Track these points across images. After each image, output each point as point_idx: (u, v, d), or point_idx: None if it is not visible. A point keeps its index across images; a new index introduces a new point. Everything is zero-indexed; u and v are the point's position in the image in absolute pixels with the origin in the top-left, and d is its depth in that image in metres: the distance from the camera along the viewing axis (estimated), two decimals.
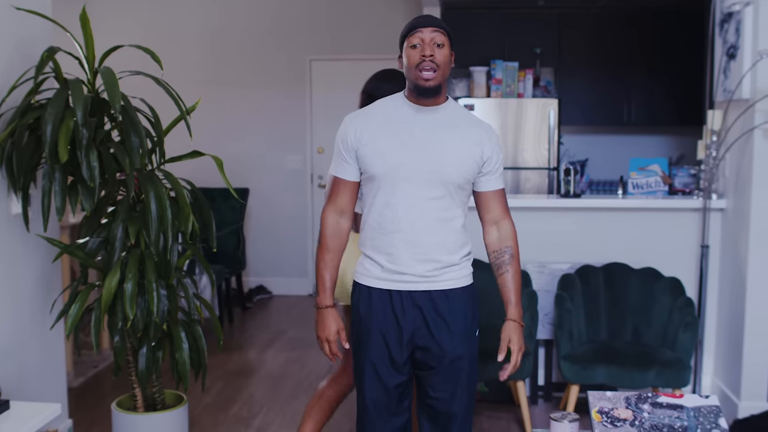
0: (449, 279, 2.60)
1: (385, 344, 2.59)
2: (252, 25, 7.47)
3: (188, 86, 5.34)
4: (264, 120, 7.55)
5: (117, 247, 3.17)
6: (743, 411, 4.13)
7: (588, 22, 6.97)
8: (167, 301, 3.25)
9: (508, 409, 4.48)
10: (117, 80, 3.05)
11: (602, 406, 2.26)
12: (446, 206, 2.55)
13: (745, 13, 4.12)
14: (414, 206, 2.52)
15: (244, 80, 7.51)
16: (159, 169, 3.33)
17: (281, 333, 6.28)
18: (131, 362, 3.36)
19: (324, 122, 7.52)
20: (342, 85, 7.45)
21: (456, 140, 2.53)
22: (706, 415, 2.23)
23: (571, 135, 7.30)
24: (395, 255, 2.55)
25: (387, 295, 2.59)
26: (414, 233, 2.53)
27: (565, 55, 7.03)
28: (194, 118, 3.52)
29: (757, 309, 4.14)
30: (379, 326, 2.60)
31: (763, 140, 4.07)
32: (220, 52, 7.50)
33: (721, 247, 4.46)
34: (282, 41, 7.47)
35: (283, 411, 4.53)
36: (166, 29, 7.41)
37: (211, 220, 3.39)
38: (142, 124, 3.18)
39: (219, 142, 7.23)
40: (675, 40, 6.76)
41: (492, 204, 2.63)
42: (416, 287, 2.57)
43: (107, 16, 7.19)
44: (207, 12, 7.48)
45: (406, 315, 2.57)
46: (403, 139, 2.51)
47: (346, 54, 7.43)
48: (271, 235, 7.61)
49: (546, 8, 6.92)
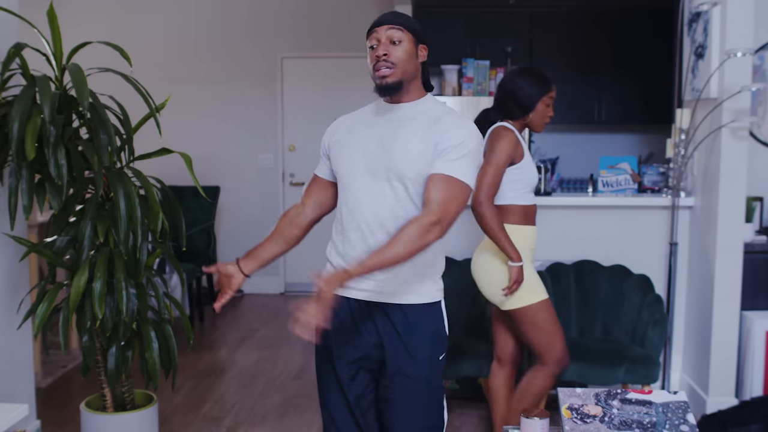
0: (409, 293, 2.41)
1: (346, 351, 2.46)
2: (223, 22, 7.43)
3: (158, 84, 5.29)
4: (235, 118, 7.51)
5: (85, 245, 3.14)
6: (711, 407, 4.18)
7: (559, 21, 7.00)
8: (137, 300, 3.22)
9: (478, 405, 4.49)
10: (85, 77, 3.02)
11: (572, 402, 2.27)
12: (403, 206, 2.36)
13: (713, 13, 4.16)
14: (368, 206, 2.38)
15: (215, 78, 7.47)
16: (128, 167, 3.30)
17: (252, 332, 6.25)
18: (100, 362, 3.33)
19: (295, 120, 7.50)
20: (313, 83, 7.44)
21: (410, 135, 2.35)
22: (675, 411, 2.25)
23: (542, 133, 7.31)
24: (353, 257, 2.38)
25: (345, 303, 2.43)
26: (370, 234, 2.38)
27: (536, 54, 7.05)
28: (164, 116, 3.49)
29: (725, 306, 4.19)
30: (340, 333, 2.45)
31: (730, 139, 4.12)
32: (190, 49, 7.45)
33: (690, 245, 4.51)
34: (253, 39, 7.44)
35: (254, 410, 4.52)
36: (136, 26, 7.35)
37: (180, 218, 3.37)
38: (111, 122, 3.15)
39: (189, 140, 7.18)
40: (645, 39, 6.82)
41: (428, 186, 2.30)
42: (372, 298, 2.42)
43: (75, 13, 7.11)
44: (177, 9, 7.43)
45: (366, 325, 2.44)
46: (361, 138, 2.43)
47: (318, 52, 7.42)
48: (242, 233, 7.57)
49: (517, 7, 6.95)
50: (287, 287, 7.69)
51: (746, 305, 4.29)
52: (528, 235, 3.47)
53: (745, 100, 4.10)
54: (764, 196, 4.71)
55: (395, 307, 2.42)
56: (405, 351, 2.41)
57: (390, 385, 2.44)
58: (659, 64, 6.79)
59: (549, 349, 3.46)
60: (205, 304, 6.95)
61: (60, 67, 3.22)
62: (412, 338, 2.41)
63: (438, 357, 2.47)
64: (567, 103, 7.04)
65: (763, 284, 4.33)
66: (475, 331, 4.34)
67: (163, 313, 3.40)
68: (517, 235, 3.39)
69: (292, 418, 4.38)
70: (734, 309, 4.20)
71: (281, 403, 4.62)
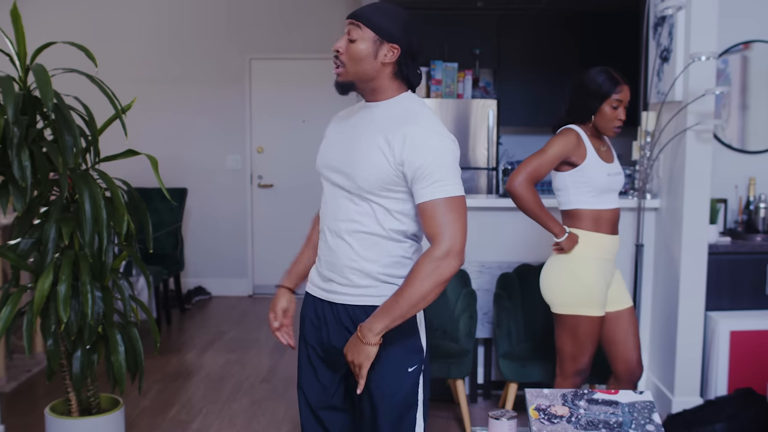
0: (371, 295, 2.29)
1: (319, 351, 2.39)
2: (191, 23, 7.38)
3: (125, 84, 5.25)
4: (203, 119, 7.47)
5: (50, 248, 3.10)
6: (677, 406, 4.22)
7: (527, 24, 7.05)
8: (102, 303, 3.19)
9: (447, 407, 4.50)
10: (50, 77, 2.98)
11: (539, 403, 2.29)
12: (364, 212, 2.25)
13: (678, 18, 4.21)
14: (332, 209, 2.32)
15: (183, 79, 7.42)
16: (93, 169, 3.27)
17: (221, 334, 6.22)
18: (65, 366, 3.29)
19: (264, 122, 7.47)
20: (282, 84, 7.42)
21: (366, 140, 2.23)
22: (640, 411, 2.27)
23: (510, 135, 7.38)
24: (321, 258, 2.36)
25: (316, 302, 2.39)
26: (332, 238, 2.31)
27: (504, 56, 7.10)
28: (131, 117, 3.47)
29: (690, 306, 4.23)
30: (311, 335, 2.41)
31: (695, 141, 4.17)
32: (157, 50, 7.39)
33: (655, 246, 4.56)
34: (222, 40, 7.40)
35: (222, 413, 4.49)
36: (101, 26, 7.28)
37: (147, 220, 3.34)
38: (76, 123, 3.12)
39: (156, 141, 7.13)
40: (612, 42, 6.88)
41: (423, 220, 2.19)
42: (329, 297, 2.35)
43: (40, 12, 7.03)
44: (145, 9, 7.36)
45: (333, 326, 2.35)
46: (332, 139, 2.38)
47: (287, 53, 7.40)
48: (210, 235, 7.54)
49: (485, 9, 6.98)
50: (255, 289, 7.66)
51: (711, 306, 4.34)
52: (598, 242, 3.36)
53: (710, 103, 4.16)
54: (728, 197, 4.77)
55: (359, 309, 2.30)
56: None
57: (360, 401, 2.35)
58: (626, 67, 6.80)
59: (573, 361, 3.38)
60: (172, 307, 6.90)
61: (24, 68, 3.18)
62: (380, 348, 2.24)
63: (407, 368, 2.30)
64: (535, 105, 7.10)
65: (728, 285, 4.39)
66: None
67: (129, 316, 3.37)
68: (586, 242, 3.33)
69: (261, 421, 4.35)
70: (699, 309, 4.25)
71: (249, 406, 4.60)
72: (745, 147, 4.82)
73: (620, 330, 3.50)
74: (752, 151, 4.82)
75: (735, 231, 4.64)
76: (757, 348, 4.25)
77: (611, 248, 3.40)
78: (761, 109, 4.83)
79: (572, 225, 3.36)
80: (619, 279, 3.53)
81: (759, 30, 4.74)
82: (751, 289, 4.40)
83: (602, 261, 3.37)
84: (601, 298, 3.36)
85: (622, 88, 3.37)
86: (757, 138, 4.82)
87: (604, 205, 3.36)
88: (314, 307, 2.41)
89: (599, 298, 3.35)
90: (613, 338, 3.52)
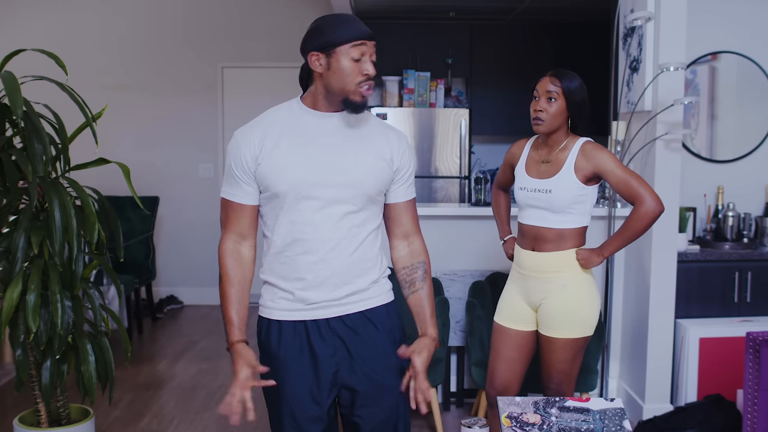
0: (368, 298, 2.35)
1: (305, 387, 2.30)
2: (163, 31, 7.35)
3: (95, 93, 5.21)
4: (175, 127, 7.43)
5: (19, 257, 3.07)
6: (647, 413, 4.26)
7: (499, 34, 7.10)
8: (72, 312, 3.16)
9: (420, 415, 4.50)
10: (19, 85, 2.96)
11: (511, 411, 2.30)
12: (360, 222, 2.30)
13: (647, 28, 4.26)
14: (323, 224, 2.26)
15: (155, 87, 7.38)
16: (63, 177, 3.24)
17: (193, 343, 6.18)
18: (34, 376, 3.26)
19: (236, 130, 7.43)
20: (254, 92, 7.40)
21: (365, 148, 2.30)
22: (612, 418, 2.29)
23: (482, 144, 7.41)
24: (307, 280, 2.28)
25: (302, 327, 2.31)
26: (326, 254, 2.26)
27: (476, 66, 7.14)
28: (102, 125, 3.45)
29: (660, 314, 4.27)
30: (294, 366, 2.31)
31: (664, 150, 4.21)
32: (129, 58, 7.35)
33: (626, 254, 4.59)
34: (193, 48, 7.37)
35: (194, 423, 4.46)
36: (72, 34, 7.22)
37: (118, 229, 3.32)
38: (45, 131, 3.10)
39: (128, 149, 7.09)
40: (583, 52, 6.94)
41: (403, 216, 2.41)
42: (333, 313, 2.31)
43: (10, 19, 6.97)
44: (116, 17, 7.32)
45: (327, 347, 2.30)
46: (307, 151, 2.27)
47: (259, 62, 7.39)
48: (182, 244, 7.49)
49: (458, 19, 7.02)
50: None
51: (680, 313, 4.39)
52: (516, 255, 3.33)
53: (678, 113, 4.21)
54: (697, 206, 4.83)
55: (358, 316, 2.34)
56: (378, 359, 2.35)
57: (371, 404, 2.38)
58: (596, 77, 6.90)
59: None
60: (144, 316, 6.84)
61: None
62: (383, 341, 2.36)
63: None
64: (506, 114, 7.15)
65: (697, 293, 4.44)
66: None
67: (99, 325, 3.34)
68: None
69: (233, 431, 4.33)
70: (669, 317, 4.29)
71: (221, 416, 4.57)
72: (714, 156, 4.89)
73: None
74: (721, 160, 4.88)
75: (704, 239, 4.69)
76: (726, 355, 4.30)
77: (526, 264, 3.24)
78: (729, 119, 4.90)
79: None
80: (554, 306, 3.20)
81: (727, 41, 4.81)
82: (720, 296, 4.46)
83: (516, 273, 3.32)
84: (505, 309, 3.36)
85: (538, 80, 3.51)
86: (726, 147, 4.89)
87: (522, 219, 3.26)
88: (318, 331, 2.32)
89: (503, 307, 3.37)
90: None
